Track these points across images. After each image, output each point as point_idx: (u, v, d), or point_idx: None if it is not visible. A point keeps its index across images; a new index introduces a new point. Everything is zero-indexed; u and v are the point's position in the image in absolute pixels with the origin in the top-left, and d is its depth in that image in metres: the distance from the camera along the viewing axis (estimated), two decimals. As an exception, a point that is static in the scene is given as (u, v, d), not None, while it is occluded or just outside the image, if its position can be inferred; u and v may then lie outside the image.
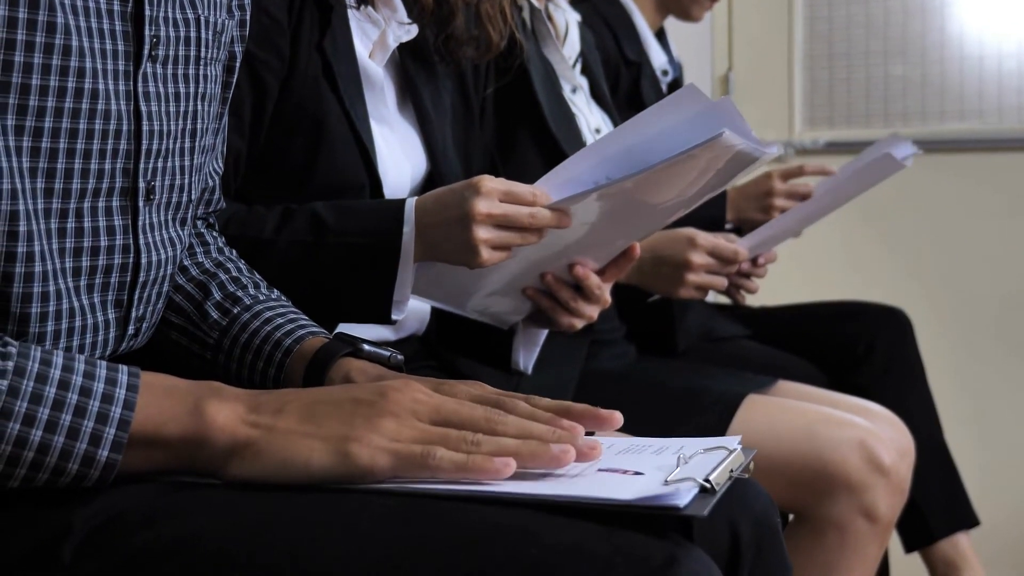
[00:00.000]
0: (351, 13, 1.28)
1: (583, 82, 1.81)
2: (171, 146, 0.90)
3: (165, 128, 0.89)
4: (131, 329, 0.91)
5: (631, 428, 1.33)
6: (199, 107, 0.94)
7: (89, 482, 0.76)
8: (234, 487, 0.77)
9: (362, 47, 1.29)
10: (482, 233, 1.10)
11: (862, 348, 2.04)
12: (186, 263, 1.07)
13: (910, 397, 1.99)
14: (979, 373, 2.89)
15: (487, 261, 1.12)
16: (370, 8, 1.30)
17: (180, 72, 0.91)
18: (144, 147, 0.87)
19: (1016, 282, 2.87)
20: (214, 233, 1.13)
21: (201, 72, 0.93)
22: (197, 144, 0.94)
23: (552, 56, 1.71)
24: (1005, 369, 2.88)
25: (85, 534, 0.74)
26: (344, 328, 1.25)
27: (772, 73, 3.07)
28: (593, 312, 1.31)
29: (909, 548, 2.00)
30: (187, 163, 0.93)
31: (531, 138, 1.62)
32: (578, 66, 1.81)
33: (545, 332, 1.42)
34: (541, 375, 1.47)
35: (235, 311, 1.03)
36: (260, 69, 1.21)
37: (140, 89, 0.86)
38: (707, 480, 0.73)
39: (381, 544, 0.70)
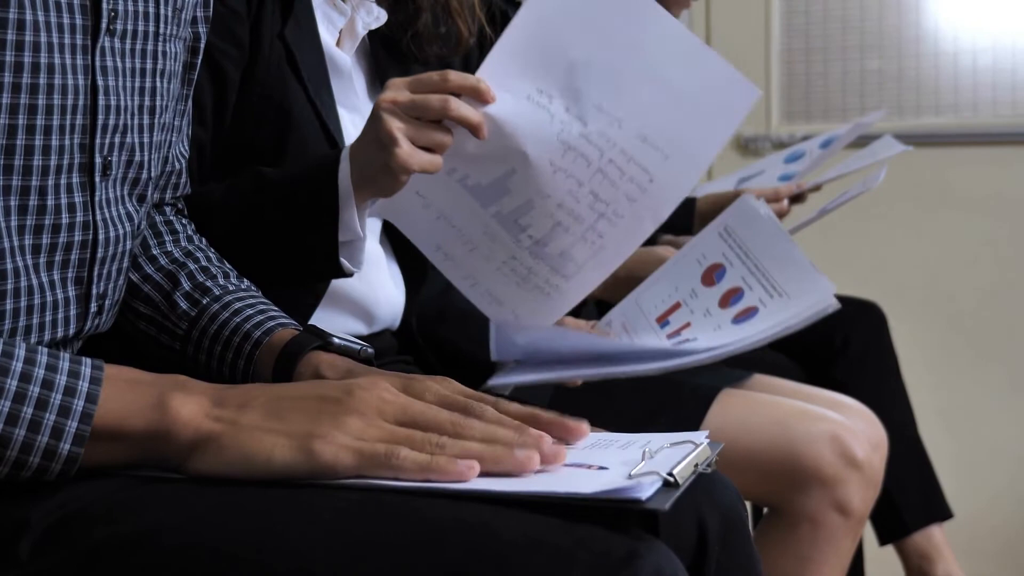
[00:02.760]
0: (315, 1, 1.27)
1: None
2: (129, 122, 0.90)
3: (123, 103, 0.88)
4: (93, 307, 0.90)
5: (606, 422, 1.34)
6: (158, 84, 0.93)
7: (51, 476, 0.75)
8: (196, 481, 0.76)
9: (328, 35, 1.28)
10: (395, 122, 1.05)
11: (837, 342, 2.05)
12: (155, 252, 1.06)
13: (884, 391, 2.00)
14: (953, 367, 2.90)
15: (408, 157, 1.05)
16: None
17: (139, 47, 0.90)
18: (100, 122, 0.86)
19: (991, 277, 2.88)
20: (183, 220, 1.13)
21: (160, 48, 0.93)
22: (156, 121, 0.94)
23: None
24: (978, 363, 2.90)
25: (43, 529, 0.73)
26: (316, 322, 1.25)
27: (749, 67, 3.07)
28: None
29: (883, 541, 2.01)
30: (146, 140, 0.93)
31: None
32: None
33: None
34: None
35: (204, 301, 1.03)
36: (219, 58, 1.20)
37: (98, 63, 0.85)
38: (670, 474, 0.72)
39: (343, 538, 0.70)
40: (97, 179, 0.87)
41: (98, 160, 0.87)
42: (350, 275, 1.18)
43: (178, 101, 1.01)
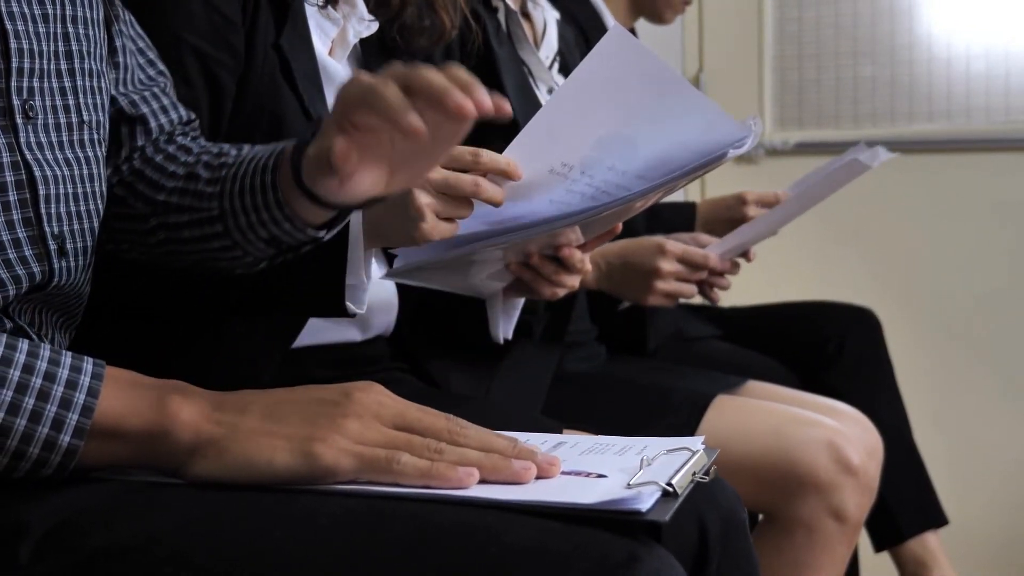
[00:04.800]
0: (309, 11, 1.28)
1: (560, 81, 1.80)
2: (47, 66, 0.91)
3: (36, 48, 0.90)
4: (52, 245, 0.89)
5: (599, 429, 1.33)
6: (70, 29, 0.94)
7: (49, 469, 0.76)
8: (195, 486, 0.77)
9: (321, 44, 1.29)
10: (424, 197, 1.06)
11: (832, 348, 2.05)
12: (171, 168, 1.05)
13: (879, 397, 2.00)
14: (947, 373, 2.90)
15: (431, 230, 1.07)
16: (329, 6, 1.29)
17: None
18: (14, 65, 0.87)
19: (985, 282, 2.88)
20: (201, 142, 1.11)
21: None
22: (78, 67, 0.95)
23: (528, 59, 1.70)
24: (973, 369, 2.90)
25: (42, 534, 0.74)
26: (311, 329, 1.24)
27: (742, 74, 3.07)
28: (575, 281, 1.32)
29: (879, 547, 2.00)
30: (68, 85, 0.94)
31: (502, 147, 1.61)
32: (555, 66, 1.80)
33: (523, 300, 1.42)
34: (512, 382, 1.47)
35: (223, 174, 1.01)
36: (214, 67, 1.20)
37: (3, 9, 0.87)
38: (669, 484, 0.73)
39: (340, 544, 0.70)
40: (19, 121, 0.88)
41: (16, 102, 0.88)
42: (352, 316, 1.18)
43: (101, 48, 1.01)
